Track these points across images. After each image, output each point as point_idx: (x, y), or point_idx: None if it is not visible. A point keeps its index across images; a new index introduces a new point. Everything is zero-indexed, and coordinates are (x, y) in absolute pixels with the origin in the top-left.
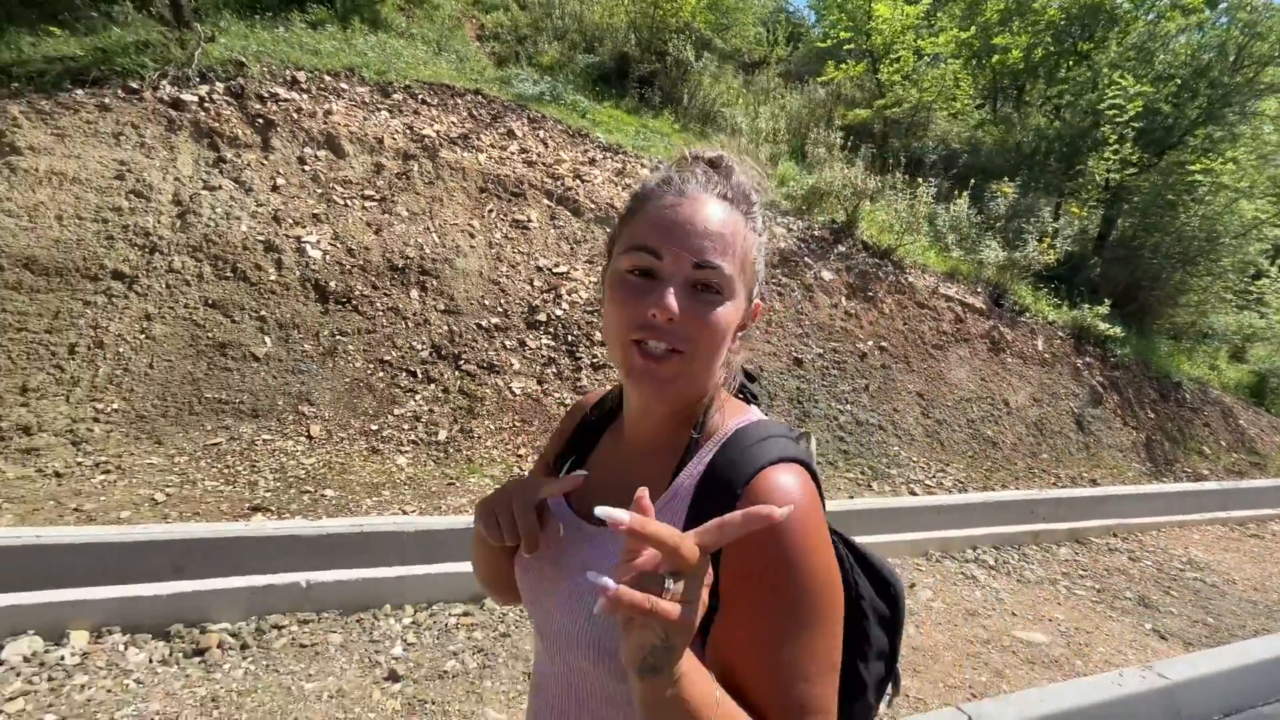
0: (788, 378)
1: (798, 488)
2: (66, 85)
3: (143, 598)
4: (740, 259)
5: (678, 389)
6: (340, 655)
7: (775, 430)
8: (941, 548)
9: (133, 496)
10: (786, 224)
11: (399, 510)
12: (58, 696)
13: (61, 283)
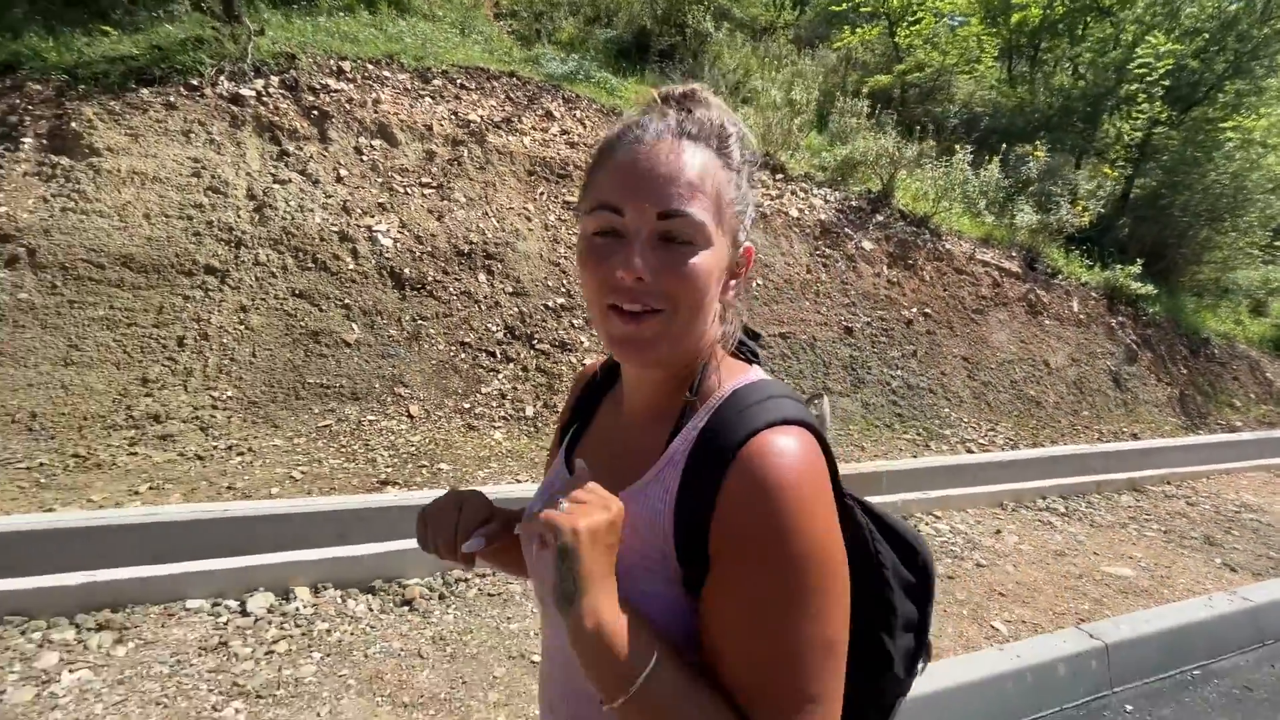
0: (840, 346)
1: (796, 450)
2: (131, 85)
3: (346, 558)
4: (714, 201)
5: (662, 351)
6: (525, 601)
7: (776, 390)
8: (1014, 499)
9: (272, 475)
10: (823, 195)
11: (513, 480)
12: (311, 639)
13: (160, 279)
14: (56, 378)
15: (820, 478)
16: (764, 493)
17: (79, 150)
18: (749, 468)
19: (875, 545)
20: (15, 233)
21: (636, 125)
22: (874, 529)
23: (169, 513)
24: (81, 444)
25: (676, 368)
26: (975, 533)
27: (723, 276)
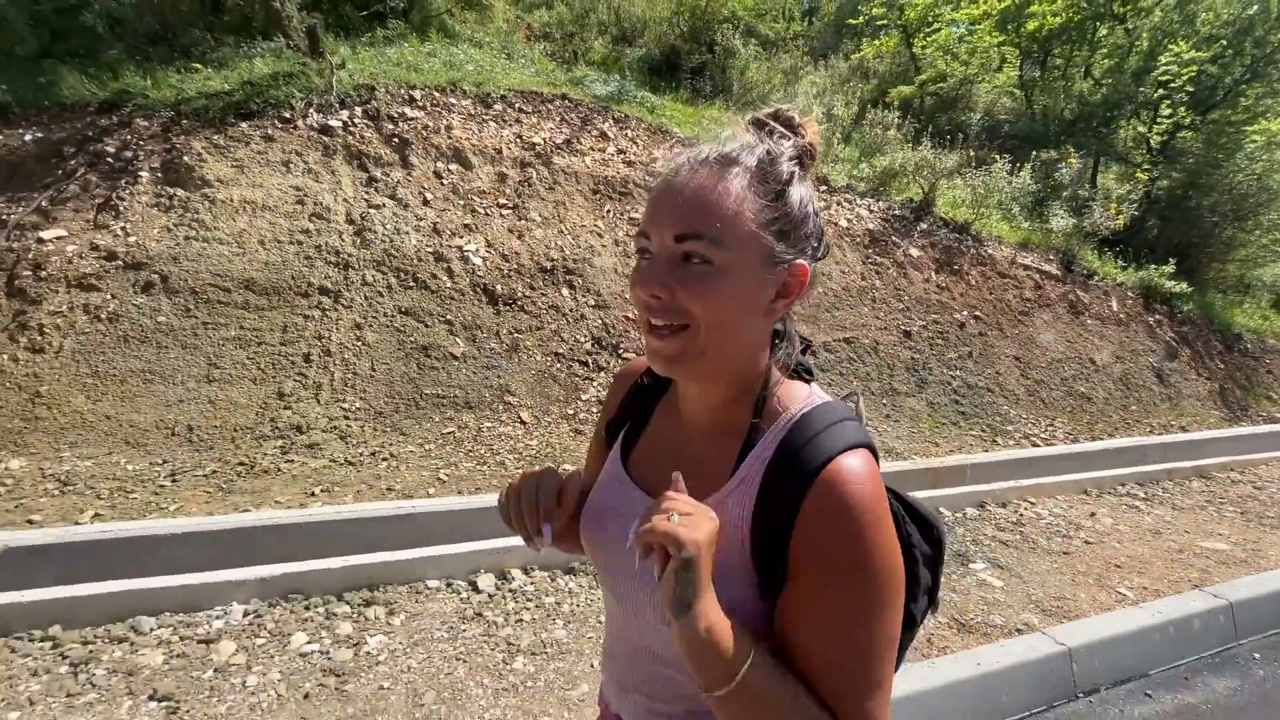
0: (901, 349)
1: (869, 474)
2: (231, 119)
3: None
4: (733, 221)
5: (689, 365)
6: None
7: (841, 413)
8: (1095, 486)
9: (420, 477)
10: (867, 205)
11: None
12: (546, 610)
13: (280, 300)
14: (203, 393)
15: (884, 497)
16: (845, 515)
17: (192, 182)
18: (831, 492)
19: (906, 529)
20: (147, 260)
21: (677, 157)
22: (903, 512)
23: (385, 508)
24: (239, 453)
25: (725, 381)
26: (1071, 515)
27: (757, 297)
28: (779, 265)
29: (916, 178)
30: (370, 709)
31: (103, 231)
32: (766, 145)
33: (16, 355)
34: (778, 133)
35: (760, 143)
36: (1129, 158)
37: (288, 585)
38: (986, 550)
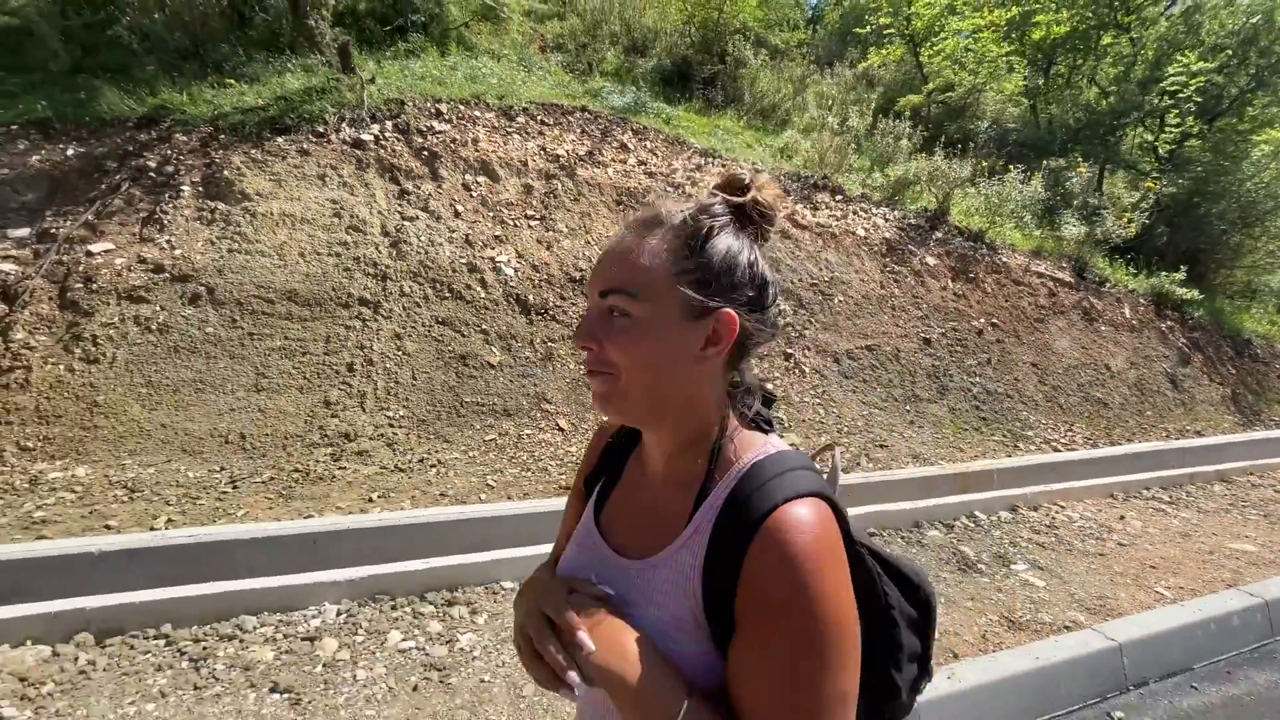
0: (921, 356)
1: (815, 522)
2: (267, 134)
3: None
4: (647, 273)
5: (617, 406)
6: None
7: (793, 462)
8: (1122, 490)
9: (469, 483)
10: (882, 214)
11: None
12: None
13: (322, 311)
14: (253, 402)
15: (835, 545)
16: (785, 563)
17: (232, 196)
18: (772, 541)
19: (883, 587)
20: (193, 273)
21: (626, 221)
22: (880, 571)
23: (462, 512)
24: (292, 460)
25: (672, 429)
26: (1101, 519)
27: (680, 345)
28: (703, 315)
29: (930, 187)
30: (476, 700)
31: (149, 245)
32: (696, 203)
33: (72, 366)
34: (720, 195)
35: (691, 203)
36: (1135, 165)
37: (375, 586)
38: (1025, 552)
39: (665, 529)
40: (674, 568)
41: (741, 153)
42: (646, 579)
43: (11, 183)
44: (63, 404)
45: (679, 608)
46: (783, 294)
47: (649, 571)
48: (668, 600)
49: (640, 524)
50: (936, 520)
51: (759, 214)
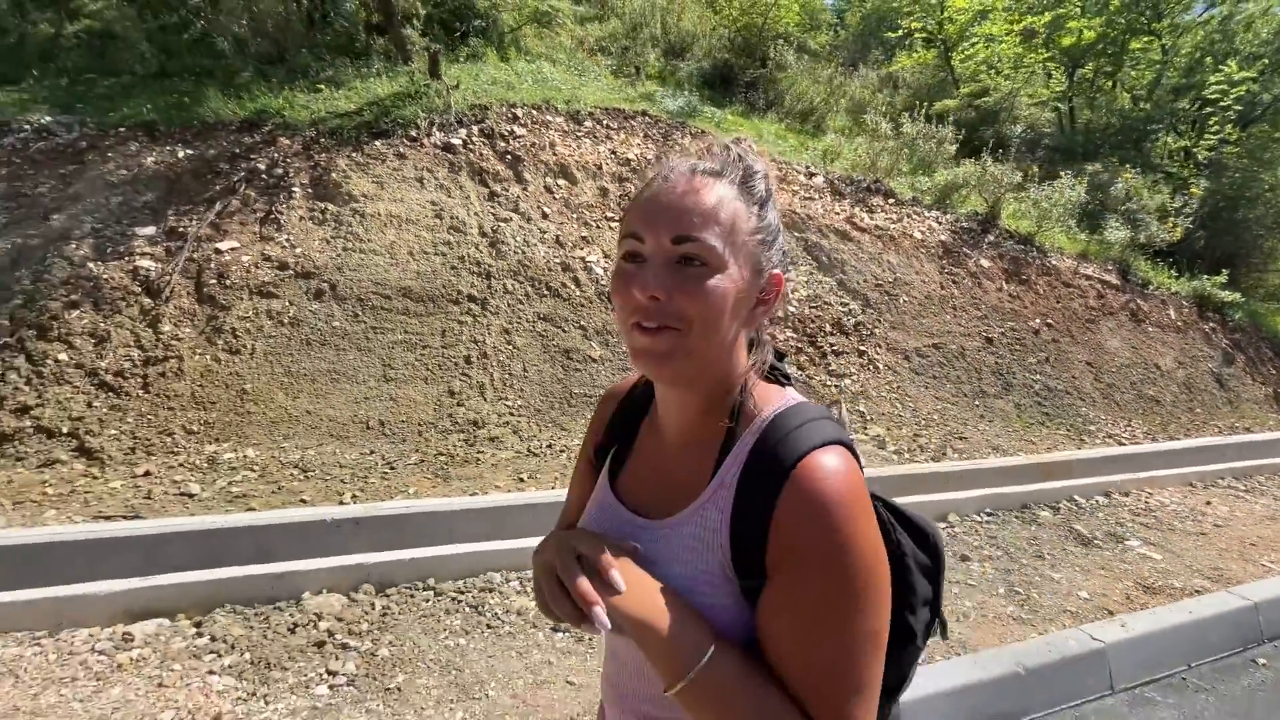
0: (985, 354)
1: (844, 468)
2: (364, 138)
3: None
4: (728, 228)
5: (677, 365)
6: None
7: (815, 412)
8: (1199, 479)
9: None
10: (935, 217)
11: None
12: None
13: (435, 306)
14: (384, 391)
15: (863, 490)
16: (820, 509)
17: (340, 197)
18: (804, 487)
19: (896, 535)
20: (315, 270)
21: (665, 166)
22: (893, 520)
23: None
24: (431, 445)
25: (705, 389)
26: (1189, 504)
27: (744, 301)
28: (762, 274)
29: (980, 191)
30: None
31: (270, 243)
32: (748, 162)
33: (218, 356)
34: (750, 155)
35: (741, 160)
36: (1166, 170)
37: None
38: (1133, 531)
39: (688, 488)
40: (699, 524)
41: (792, 156)
42: (670, 538)
43: (132, 183)
44: (215, 391)
45: (706, 563)
46: (848, 292)
47: (672, 530)
48: (694, 557)
49: (661, 486)
50: (1042, 503)
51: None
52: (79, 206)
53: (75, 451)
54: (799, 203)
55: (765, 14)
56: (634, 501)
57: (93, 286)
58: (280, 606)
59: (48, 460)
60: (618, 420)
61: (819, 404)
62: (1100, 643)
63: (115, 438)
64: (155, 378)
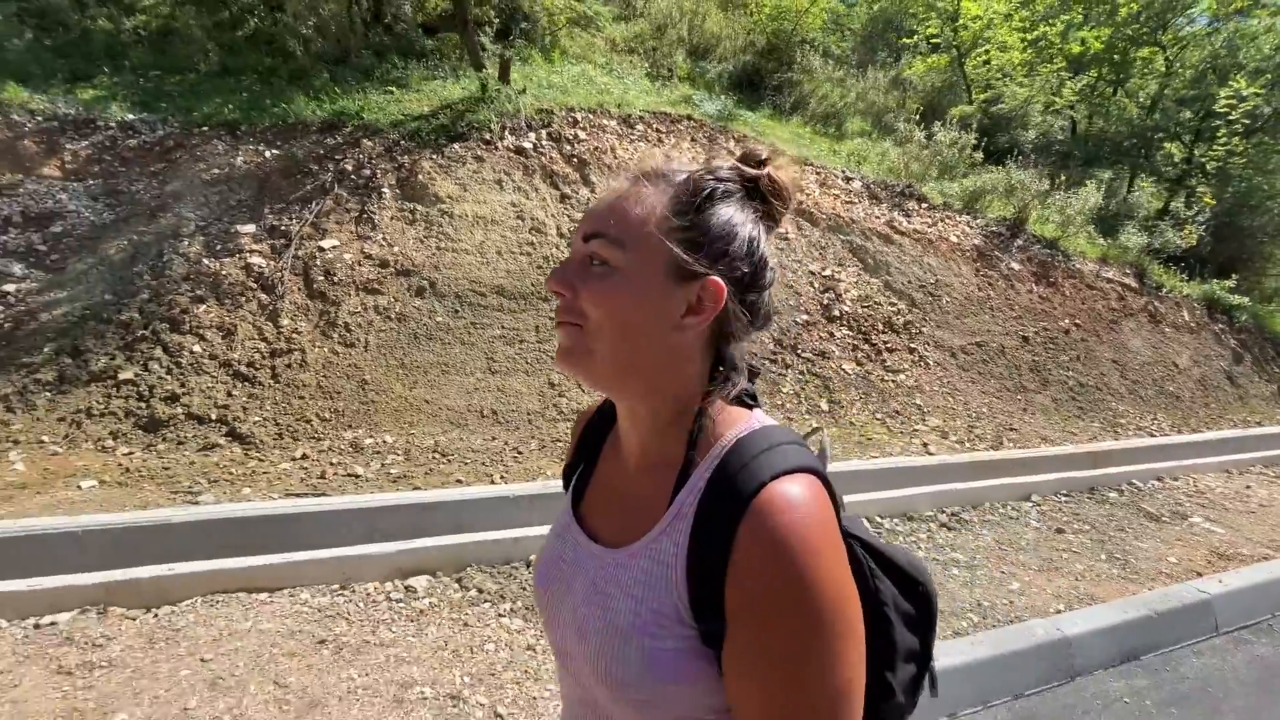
0: (1022, 352)
1: (808, 499)
2: (442, 140)
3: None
4: (635, 224)
5: (579, 362)
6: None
7: (780, 436)
8: (1234, 467)
9: None
10: (966, 222)
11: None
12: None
13: (526, 304)
14: (491, 383)
15: (829, 524)
16: (778, 548)
17: (428, 198)
18: (763, 522)
19: (875, 582)
20: (413, 268)
21: (625, 171)
22: (873, 565)
23: None
24: (544, 432)
25: (649, 405)
26: (1231, 488)
27: (657, 306)
28: (687, 278)
29: (1008, 197)
30: None
31: (367, 242)
32: (704, 166)
33: (335, 349)
34: (732, 161)
35: (675, 166)
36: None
37: None
38: (1193, 510)
39: (644, 515)
40: (653, 557)
41: (827, 160)
42: (624, 568)
43: (226, 182)
44: (338, 382)
45: (659, 601)
46: (894, 292)
47: (627, 561)
48: (647, 593)
49: (617, 510)
50: (1106, 486)
51: (772, 192)
52: (182, 204)
53: (228, 436)
54: (841, 206)
55: (797, 20)
56: (593, 525)
57: (213, 282)
58: (516, 566)
59: (206, 444)
60: (585, 439)
61: (788, 429)
62: (1206, 594)
63: (260, 424)
64: (282, 369)
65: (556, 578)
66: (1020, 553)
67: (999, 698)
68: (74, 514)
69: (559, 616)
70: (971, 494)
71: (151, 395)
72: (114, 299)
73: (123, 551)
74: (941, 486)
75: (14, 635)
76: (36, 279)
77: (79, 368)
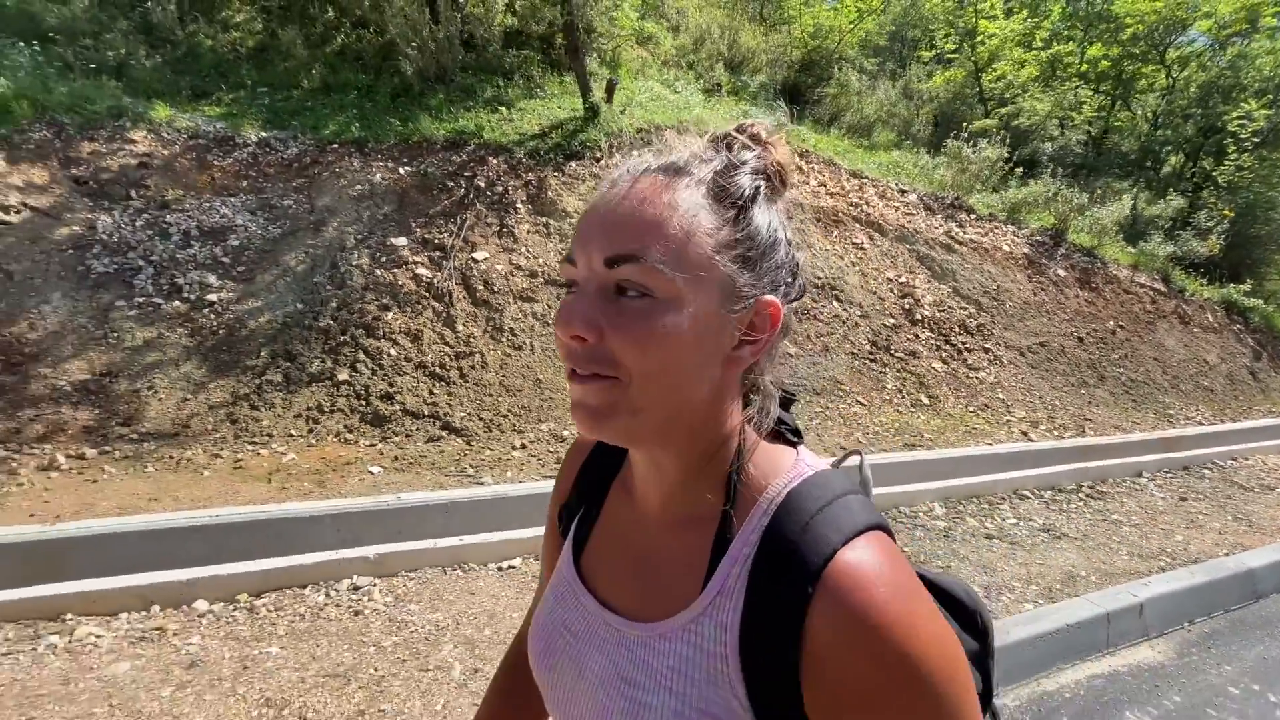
0: (1080, 351)
1: (886, 569)
2: (559, 158)
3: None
4: (680, 244)
5: (620, 425)
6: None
7: (839, 485)
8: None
9: (837, 443)
10: (1011, 231)
11: (926, 444)
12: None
13: None
14: None
15: (915, 585)
16: (871, 634)
17: (557, 213)
18: (840, 604)
19: None
20: (559, 279)
21: (619, 167)
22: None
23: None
24: None
25: (677, 451)
26: None
27: (713, 340)
28: (742, 302)
29: (1050, 209)
30: None
31: (512, 253)
32: (724, 156)
33: (507, 351)
34: (739, 144)
35: (716, 154)
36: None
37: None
38: (1274, 482)
39: (672, 584)
40: (693, 643)
41: (874, 172)
42: (654, 652)
43: (370, 197)
44: (517, 381)
45: (708, 699)
46: (962, 297)
47: (657, 643)
48: (689, 688)
49: (636, 575)
50: (1198, 465)
51: (779, 176)
52: (336, 218)
53: (444, 429)
54: (904, 217)
55: (840, 39)
56: (602, 589)
57: (391, 291)
58: None
59: (431, 436)
60: (585, 477)
61: (837, 470)
62: None
63: (466, 418)
64: (468, 369)
65: (562, 652)
66: (1164, 515)
67: (1205, 614)
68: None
69: (572, 700)
70: (1097, 471)
71: (368, 394)
72: (305, 307)
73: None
74: (1073, 465)
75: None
76: (231, 289)
77: (298, 370)
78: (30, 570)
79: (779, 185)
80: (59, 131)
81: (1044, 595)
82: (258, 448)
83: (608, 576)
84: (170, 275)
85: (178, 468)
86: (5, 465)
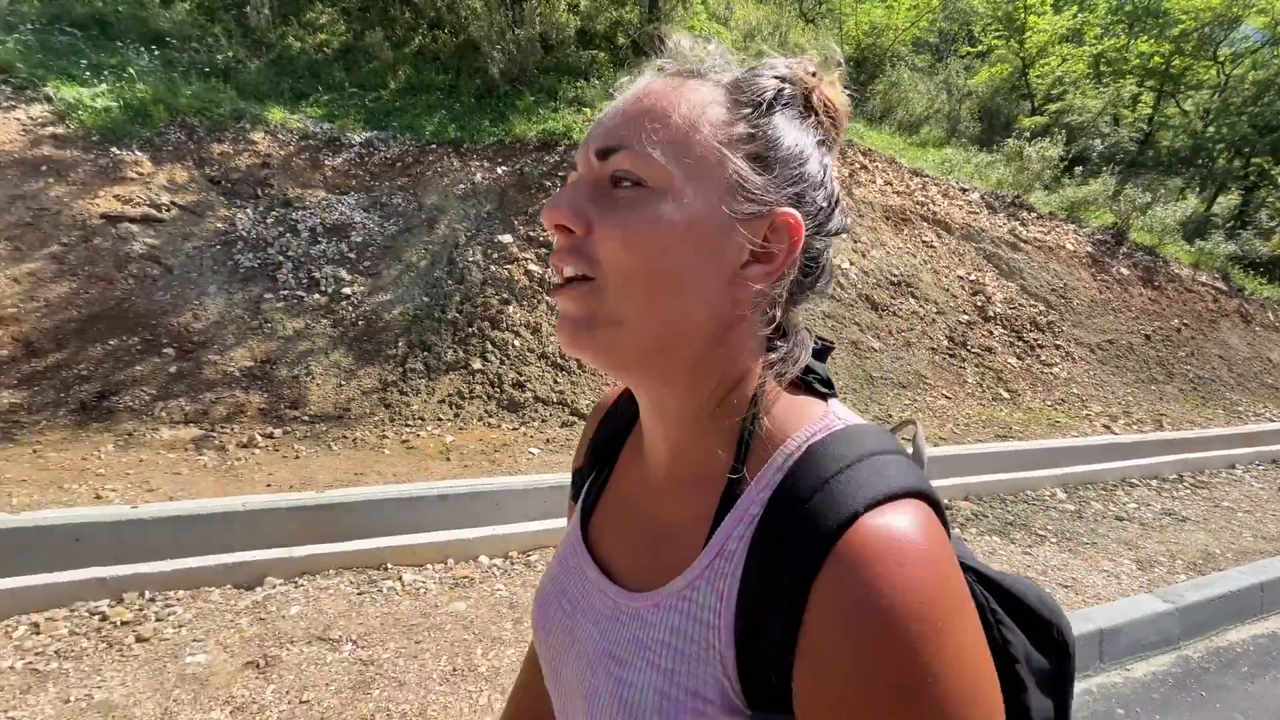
0: (1147, 348)
1: (919, 542)
2: None
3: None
4: (683, 129)
5: (600, 338)
6: None
7: (871, 441)
8: None
9: (931, 432)
10: (1073, 229)
11: (1013, 435)
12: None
13: None
14: None
15: (951, 573)
16: (881, 618)
17: None
18: (852, 579)
19: (1002, 633)
20: None
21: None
22: (996, 607)
23: (992, 448)
24: None
25: (681, 391)
26: None
27: (714, 245)
28: (753, 207)
29: (1111, 208)
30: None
31: None
32: (749, 63)
33: None
34: (783, 62)
35: (709, 45)
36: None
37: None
38: None
39: (674, 549)
40: (688, 612)
41: (933, 170)
42: (646, 624)
43: (473, 195)
44: None
45: (697, 678)
46: (1031, 295)
47: (650, 614)
48: (678, 664)
49: (639, 538)
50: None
51: (827, 111)
52: (445, 216)
53: (573, 415)
54: (969, 216)
55: (895, 37)
56: (606, 555)
57: (508, 285)
58: None
59: (564, 423)
60: (600, 438)
61: (878, 427)
62: None
63: (591, 405)
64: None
65: (558, 621)
66: (1269, 504)
67: None
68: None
69: (560, 673)
70: (1193, 463)
71: (501, 382)
72: (431, 301)
73: None
74: (1173, 457)
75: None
76: (362, 284)
77: (435, 359)
78: (344, 527)
79: (824, 119)
80: (190, 133)
81: (1190, 568)
82: (415, 430)
83: (611, 544)
84: (307, 269)
85: (355, 447)
86: (211, 442)
